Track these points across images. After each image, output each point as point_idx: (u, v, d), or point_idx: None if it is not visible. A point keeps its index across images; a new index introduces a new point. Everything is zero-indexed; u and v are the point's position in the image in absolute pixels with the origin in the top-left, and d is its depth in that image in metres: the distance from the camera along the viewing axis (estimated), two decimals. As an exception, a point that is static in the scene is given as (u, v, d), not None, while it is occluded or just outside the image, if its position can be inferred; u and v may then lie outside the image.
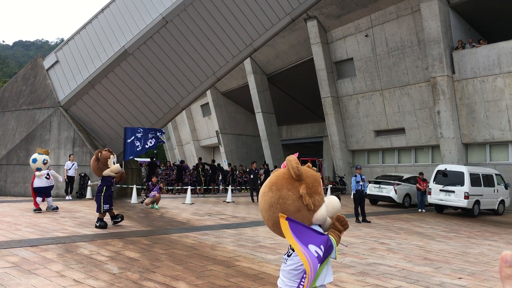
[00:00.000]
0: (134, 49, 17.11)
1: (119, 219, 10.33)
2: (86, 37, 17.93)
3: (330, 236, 2.78)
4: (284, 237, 2.96)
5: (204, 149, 42.09)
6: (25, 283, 5.29)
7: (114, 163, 10.16)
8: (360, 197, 13.75)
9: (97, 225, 9.82)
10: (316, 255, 2.51)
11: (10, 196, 17.12)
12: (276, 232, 2.88)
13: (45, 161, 12.39)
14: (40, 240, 7.85)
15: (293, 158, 2.76)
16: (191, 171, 24.86)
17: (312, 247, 2.54)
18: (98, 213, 9.97)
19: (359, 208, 13.66)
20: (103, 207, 9.88)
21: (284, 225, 2.57)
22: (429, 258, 8.40)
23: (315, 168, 2.95)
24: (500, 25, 22.20)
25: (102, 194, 9.91)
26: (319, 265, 2.53)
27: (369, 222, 13.46)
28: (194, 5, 16.94)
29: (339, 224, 2.89)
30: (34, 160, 12.33)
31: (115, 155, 10.50)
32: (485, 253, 9.40)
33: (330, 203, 2.86)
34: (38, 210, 11.98)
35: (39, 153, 12.47)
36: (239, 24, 17.25)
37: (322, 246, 2.56)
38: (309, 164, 2.96)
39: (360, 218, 13.58)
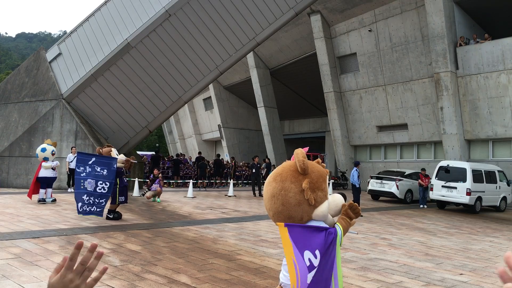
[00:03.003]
0: (136, 42, 17.07)
1: (115, 217, 9.87)
2: (89, 29, 17.89)
3: (337, 224, 2.77)
4: None
5: (206, 143, 42.09)
6: (27, 274, 5.31)
7: (117, 155, 10.18)
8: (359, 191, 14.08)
9: (110, 216, 9.78)
10: (308, 264, 2.48)
11: (13, 188, 17.18)
12: (276, 222, 2.90)
13: (53, 152, 12.49)
14: (42, 232, 7.87)
15: (300, 152, 2.76)
16: (191, 163, 24.80)
17: (307, 254, 2.51)
18: (111, 205, 9.95)
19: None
20: (118, 199, 9.88)
21: (283, 232, 2.54)
22: (431, 254, 8.40)
23: (324, 164, 2.94)
24: (505, 21, 22.05)
25: (118, 186, 9.90)
26: (309, 274, 2.48)
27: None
28: (198, -2, 16.88)
29: (351, 212, 2.89)
30: (43, 150, 12.35)
31: (114, 148, 10.51)
32: (486, 250, 9.40)
33: (334, 201, 2.84)
34: (42, 200, 12.03)
35: (48, 144, 12.51)
36: (242, 18, 17.18)
37: (317, 251, 2.52)
38: (318, 160, 2.96)
39: None
